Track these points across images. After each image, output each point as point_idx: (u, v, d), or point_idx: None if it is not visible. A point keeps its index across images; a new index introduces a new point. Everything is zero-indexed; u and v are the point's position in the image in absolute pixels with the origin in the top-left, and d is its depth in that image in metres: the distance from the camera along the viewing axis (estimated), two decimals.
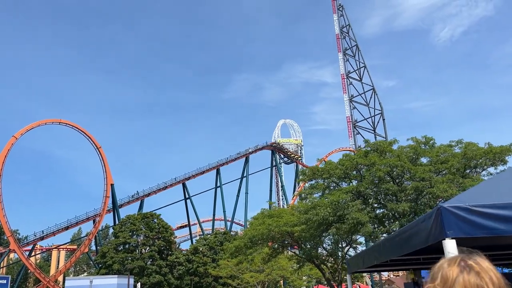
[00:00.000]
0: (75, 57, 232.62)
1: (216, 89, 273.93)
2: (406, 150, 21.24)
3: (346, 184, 24.10)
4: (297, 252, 31.18)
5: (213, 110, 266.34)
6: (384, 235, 20.82)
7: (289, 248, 29.40)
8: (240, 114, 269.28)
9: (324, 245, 26.74)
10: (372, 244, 32.08)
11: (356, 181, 22.36)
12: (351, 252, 30.40)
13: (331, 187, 23.53)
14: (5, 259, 77.07)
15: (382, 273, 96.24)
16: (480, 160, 19.98)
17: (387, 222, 21.08)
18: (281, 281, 59.90)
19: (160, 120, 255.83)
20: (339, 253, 30.50)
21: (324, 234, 24.15)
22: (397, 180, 20.60)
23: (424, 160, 21.75)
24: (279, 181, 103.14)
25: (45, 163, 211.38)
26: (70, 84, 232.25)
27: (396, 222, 19.38)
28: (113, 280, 45.40)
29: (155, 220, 56.29)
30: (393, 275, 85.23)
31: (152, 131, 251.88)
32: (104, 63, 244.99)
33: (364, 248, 31.72)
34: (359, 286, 71.46)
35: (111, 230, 60.14)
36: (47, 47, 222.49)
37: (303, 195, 25.01)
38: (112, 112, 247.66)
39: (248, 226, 27.62)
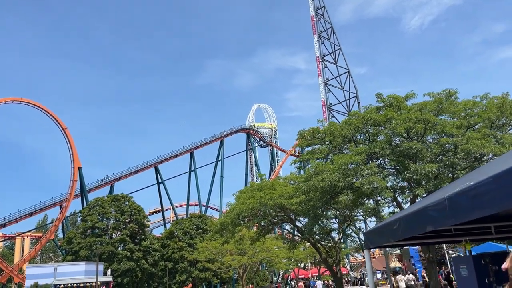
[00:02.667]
0: (41, 42, 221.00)
1: (188, 75, 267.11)
2: (429, 103, 17.60)
3: (348, 151, 20.39)
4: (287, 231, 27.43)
5: (185, 96, 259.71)
6: (407, 205, 17.24)
7: (281, 226, 25.55)
8: (213, 101, 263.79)
9: (322, 222, 23.01)
10: (373, 220, 28.76)
11: (366, 144, 18.60)
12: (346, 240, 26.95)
13: (335, 153, 19.68)
14: None
15: (357, 255, 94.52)
16: None
17: (408, 188, 17.46)
18: (259, 264, 56.44)
19: (131, 107, 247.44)
20: (335, 233, 26.99)
21: (328, 206, 20.34)
22: (418, 139, 16.97)
23: (444, 117, 18.18)
24: (254, 164, 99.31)
25: (8, 149, 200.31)
26: (35, 70, 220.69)
27: (420, 188, 15.76)
28: (80, 267, 40.64)
29: (127, 202, 51.39)
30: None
31: (123, 118, 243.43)
32: (71, 49, 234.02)
33: (362, 225, 28.24)
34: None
35: (81, 217, 54.83)
36: (9, 31, 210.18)
37: (300, 163, 21.09)
38: (80, 99, 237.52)
39: (235, 201, 23.47)
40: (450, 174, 16.78)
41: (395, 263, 74.12)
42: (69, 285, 36.89)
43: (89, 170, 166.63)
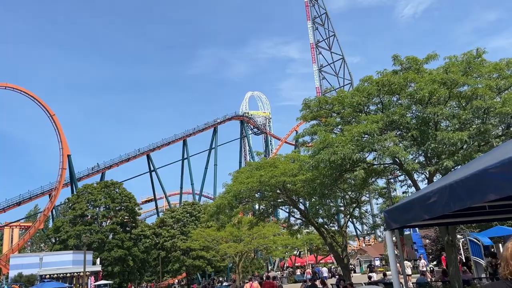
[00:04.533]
0: (28, 29, 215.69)
1: (181, 65, 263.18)
2: (456, 63, 15.23)
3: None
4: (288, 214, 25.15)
5: (178, 86, 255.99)
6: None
7: (275, 213, 23.20)
8: (205, 90, 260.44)
9: (329, 203, 20.66)
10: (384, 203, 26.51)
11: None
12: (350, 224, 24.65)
13: (344, 126, 17.27)
14: None
15: (352, 243, 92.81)
16: None
17: (427, 162, 15.15)
18: (255, 252, 54.26)
19: (122, 96, 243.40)
20: (341, 216, 24.71)
21: (336, 185, 17.98)
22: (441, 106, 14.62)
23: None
24: (248, 152, 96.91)
25: None
26: (22, 58, 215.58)
27: (448, 160, 13.42)
28: (67, 256, 38.10)
29: (117, 189, 48.74)
30: (365, 244, 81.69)
31: (113, 108, 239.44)
32: (58, 37, 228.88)
33: (367, 208, 25.96)
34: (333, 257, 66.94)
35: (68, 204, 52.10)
36: None
37: (305, 137, 18.66)
38: (69, 88, 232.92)
39: (231, 181, 21.04)
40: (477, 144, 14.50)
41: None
42: (56, 275, 34.39)
43: (80, 160, 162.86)
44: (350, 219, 24.45)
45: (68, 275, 35.05)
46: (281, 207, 23.03)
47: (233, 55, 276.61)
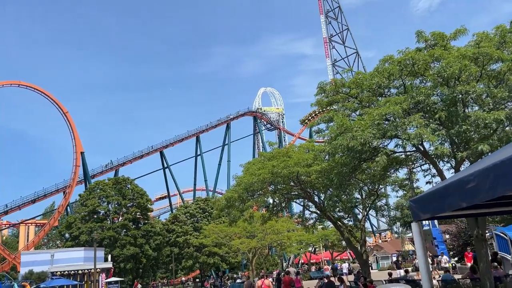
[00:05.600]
0: (43, 32, 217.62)
1: (193, 63, 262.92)
2: (489, 37, 13.60)
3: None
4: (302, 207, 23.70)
5: (190, 84, 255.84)
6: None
7: (296, 201, 21.79)
8: (218, 88, 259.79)
9: (347, 194, 19.15)
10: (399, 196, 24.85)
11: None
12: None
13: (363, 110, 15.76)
14: None
15: (368, 240, 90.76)
16: None
17: (460, 145, 13.57)
18: (269, 248, 52.93)
19: (135, 95, 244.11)
20: (358, 210, 23.17)
21: (355, 175, 16.50)
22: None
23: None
24: (261, 148, 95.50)
25: (8, 135, 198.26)
26: (36, 58, 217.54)
27: (484, 144, 11.86)
28: (79, 253, 37.29)
29: (129, 185, 47.84)
30: (381, 240, 79.73)
31: (127, 106, 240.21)
32: (72, 38, 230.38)
33: (386, 201, 24.34)
34: (349, 253, 65.19)
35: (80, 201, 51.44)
36: (10, 19, 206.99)
37: (320, 125, 17.23)
38: (82, 87, 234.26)
39: (242, 173, 19.69)
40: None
41: (408, 246, 70.47)
42: (67, 272, 33.56)
43: (93, 159, 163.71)
44: (368, 213, 23.00)
45: (79, 272, 34.21)
46: (295, 200, 21.59)
47: (245, 52, 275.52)
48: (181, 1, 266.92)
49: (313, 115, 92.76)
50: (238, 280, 42.96)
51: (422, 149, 15.44)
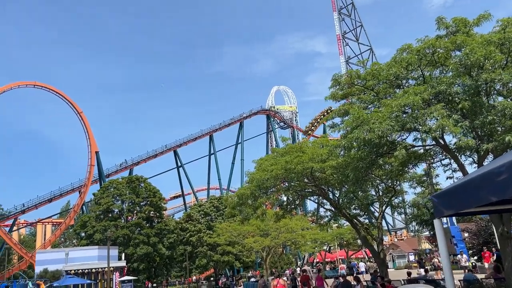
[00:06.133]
0: (55, 34, 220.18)
1: (206, 63, 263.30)
2: None
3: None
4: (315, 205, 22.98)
5: (203, 83, 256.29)
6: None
7: (310, 198, 21.08)
8: (231, 87, 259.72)
9: (363, 190, 18.37)
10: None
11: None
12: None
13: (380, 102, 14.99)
14: None
15: (383, 238, 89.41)
16: None
17: (483, 138, 12.74)
18: (283, 247, 52.15)
19: (148, 95, 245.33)
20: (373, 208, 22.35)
21: (371, 171, 15.74)
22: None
23: None
24: (275, 147, 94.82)
25: (24, 136, 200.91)
26: (50, 60, 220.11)
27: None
28: (93, 251, 37.17)
29: (142, 184, 47.67)
30: (397, 239, 78.29)
31: (140, 107, 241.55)
32: (85, 40, 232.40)
33: (403, 198, 23.45)
34: (365, 251, 64.10)
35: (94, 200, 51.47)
36: (24, 25, 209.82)
37: (335, 119, 16.50)
38: (95, 89, 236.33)
39: (255, 169, 19.07)
40: None
41: (425, 245, 69.04)
42: (81, 270, 33.40)
43: (107, 159, 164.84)
44: (385, 211, 22.17)
45: (93, 270, 34.03)
46: (309, 198, 20.88)
47: (258, 51, 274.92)
48: (194, 2, 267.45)
49: (318, 120, 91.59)
50: (252, 279, 42.41)
51: (443, 142, 14.64)
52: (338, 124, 16.72)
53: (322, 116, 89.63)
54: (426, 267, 24.16)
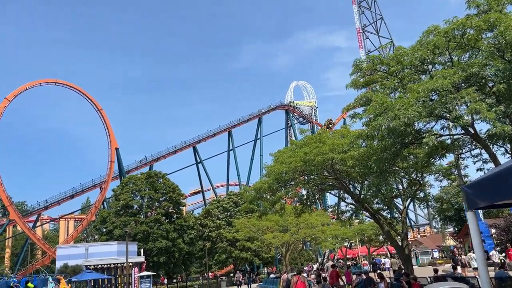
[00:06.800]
0: (75, 35, 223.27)
1: (225, 60, 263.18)
2: None
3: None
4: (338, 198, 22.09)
5: (222, 81, 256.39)
6: None
7: (330, 192, 20.22)
8: (250, 84, 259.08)
9: (388, 183, 17.42)
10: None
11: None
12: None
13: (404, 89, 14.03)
14: (10, 230, 69.94)
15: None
16: None
17: None
18: (303, 243, 51.35)
19: (166, 93, 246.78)
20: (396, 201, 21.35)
21: (396, 162, 14.81)
22: None
23: None
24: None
25: (46, 134, 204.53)
26: (70, 60, 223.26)
27: None
28: (112, 247, 37.13)
29: (161, 180, 47.51)
30: (420, 235, 76.47)
31: (160, 104, 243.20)
32: (106, 39, 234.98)
33: (430, 191, 22.31)
34: (387, 248, 62.68)
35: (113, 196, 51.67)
36: (45, 25, 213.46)
37: (356, 109, 15.63)
38: (114, 87, 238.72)
39: (272, 162, 18.34)
40: None
41: (449, 242, 67.14)
42: (100, 266, 33.35)
43: (128, 157, 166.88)
44: (409, 205, 21.19)
45: (112, 265, 33.95)
46: (329, 191, 20.03)
47: (277, 47, 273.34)
48: (213, 0, 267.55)
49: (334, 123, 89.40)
50: (272, 275, 41.81)
51: (473, 131, 13.63)
52: (359, 113, 15.85)
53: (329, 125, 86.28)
54: (453, 264, 22.96)
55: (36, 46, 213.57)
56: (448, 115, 12.49)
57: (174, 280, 54.87)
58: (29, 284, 27.88)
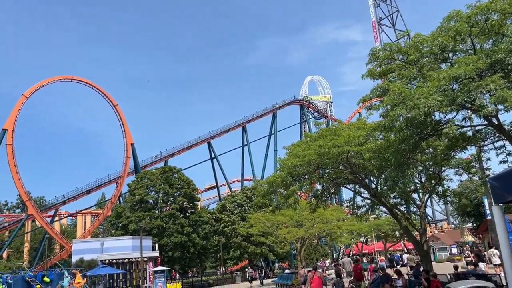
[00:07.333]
0: (86, 32, 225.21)
1: (239, 56, 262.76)
2: None
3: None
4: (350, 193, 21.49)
5: (236, 77, 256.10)
6: None
7: (346, 186, 19.63)
8: (264, 80, 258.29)
9: (406, 176, 16.75)
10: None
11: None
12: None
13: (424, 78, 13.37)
14: (29, 224, 70.96)
15: None
16: None
17: None
18: (318, 238, 50.70)
19: (180, 90, 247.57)
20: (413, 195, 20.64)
21: (414, 155, 14.18)
22: None
23: None
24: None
25: (63, 130, 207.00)
26: (87, 58, 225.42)
27: None
28: (127, 241, 37.13)
29: (175, 175, 47.39)
30: (437, 231, 75.08)
31: (174, 102, 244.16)
32: (122, 37, 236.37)
33: (449, 185, 21.53)
34: (404, 244, 61.73)
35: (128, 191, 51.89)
36: (65, 24, 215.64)
37: (371, 100, 15.00)
38: (130, 87, 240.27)
39: (286, 156, 17.84)
40: None
41: (467, 237, 65.77)
42: (115, 260, 33.39)
43: (143, 153, 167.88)
44: (427, 200, 20.47)
45: (127, 260, 33.96)
46: (345, 186, 19.44)
47: (292, 42, 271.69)
48: None
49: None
50: (287, 271, 41.35)
51: (496, 121, 12.93)
52: (375, 104, 15.22)
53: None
54: (475, 261, 22.19)
55: (50, 43, 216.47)
56: (470, 105, 11.84)
57: (189, 275, 54.94)
58: (45, 278, 28.00)
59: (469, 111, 12.86)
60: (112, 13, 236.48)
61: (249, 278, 40.05)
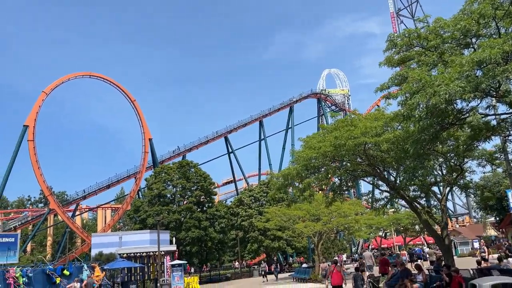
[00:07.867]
0: (108, 28, 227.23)
1: (256, 50, 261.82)
2: None
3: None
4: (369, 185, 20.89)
5: (253, 72, 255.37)
6: None
7: (364, 179, 19.03)
8: (281, 74, 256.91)
9: (427, 168, 16.07)
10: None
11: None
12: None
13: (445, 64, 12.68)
14: (51, 218, 72.21)
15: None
16: None
17: None
18: (336, 232, 50.06)
19: (200, 86, 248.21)
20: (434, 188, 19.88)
21: (435, 146, 13.53)
22: None
23: None
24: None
25: (83, 126, 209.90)
26: (105, 55, 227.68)
27: None
28: (145, 235, 37.19)
29: (192, 169, 47.34)
30: (459, 225, 73.48)
31: (191, 99, 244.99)
32: (139, 34, 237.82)
33: (472, 177, 20.67)
34: (424, 238, 60.51)
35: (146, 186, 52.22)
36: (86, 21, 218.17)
37: (391, 89, 14.35)
38: (148, 83, 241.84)
39: (301, 148, 17.34)
40: None
41: (490, 232, 64.13)
42: (132, 254, 33.47)
43: (161, 148, 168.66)
44: (448, 193, 19.72)
45: (145, 254, 34.02)
46: (363, 178, 18.84)
47: (309, 36, 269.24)
48: None
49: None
50: (304, 265, 40.98)
51: None
52: (393, 93, 14.58)
53: None
54: (500, 255, 21.30)
55: (71, 40, 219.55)
56: (495, 92, 11.14)
57: (208, 268, 55.03)
58: (65, 271, 28.19)
59: (493, 98, 12.16)
60: (131, 7, 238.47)
61: (263, 273, 39.77)
